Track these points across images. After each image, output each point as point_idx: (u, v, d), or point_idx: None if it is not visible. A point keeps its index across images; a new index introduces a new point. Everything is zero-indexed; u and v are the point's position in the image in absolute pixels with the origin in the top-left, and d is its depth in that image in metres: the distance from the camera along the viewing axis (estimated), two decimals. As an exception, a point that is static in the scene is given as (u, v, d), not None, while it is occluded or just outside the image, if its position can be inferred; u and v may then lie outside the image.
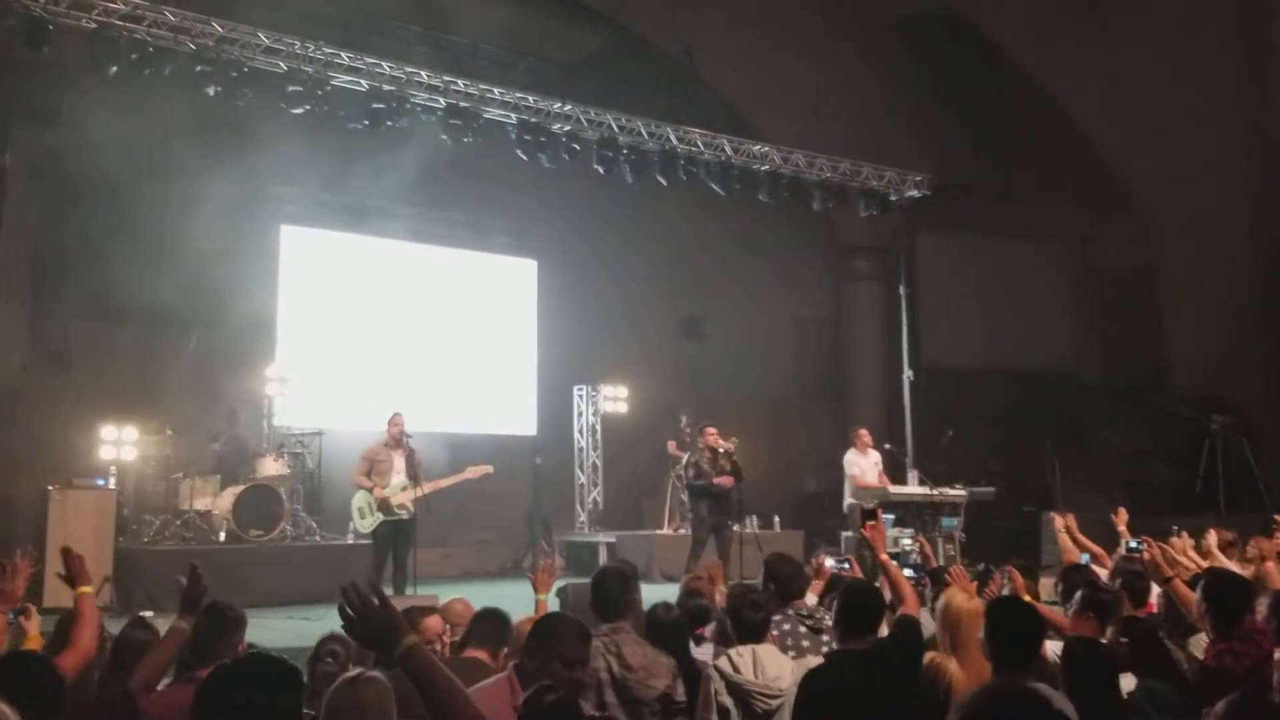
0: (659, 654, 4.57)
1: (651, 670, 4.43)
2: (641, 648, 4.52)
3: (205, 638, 4.06)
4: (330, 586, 10.56)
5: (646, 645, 4.58)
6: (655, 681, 4.42)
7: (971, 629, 4.29)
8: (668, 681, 4.44)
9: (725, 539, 11.43)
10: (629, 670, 4.39)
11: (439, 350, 15.58)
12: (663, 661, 4.51)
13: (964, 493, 12.26)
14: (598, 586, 4.76)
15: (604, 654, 4.40)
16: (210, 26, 10.44)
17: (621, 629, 4.55)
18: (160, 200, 12.90)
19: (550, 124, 12.44)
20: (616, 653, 4.43)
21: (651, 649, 4.58)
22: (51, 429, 12.10)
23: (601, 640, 4.44)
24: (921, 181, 14.83)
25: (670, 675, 4.47)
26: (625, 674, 4.38)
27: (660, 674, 4.45)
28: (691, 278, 18.05)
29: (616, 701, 4.35)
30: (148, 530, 11.40)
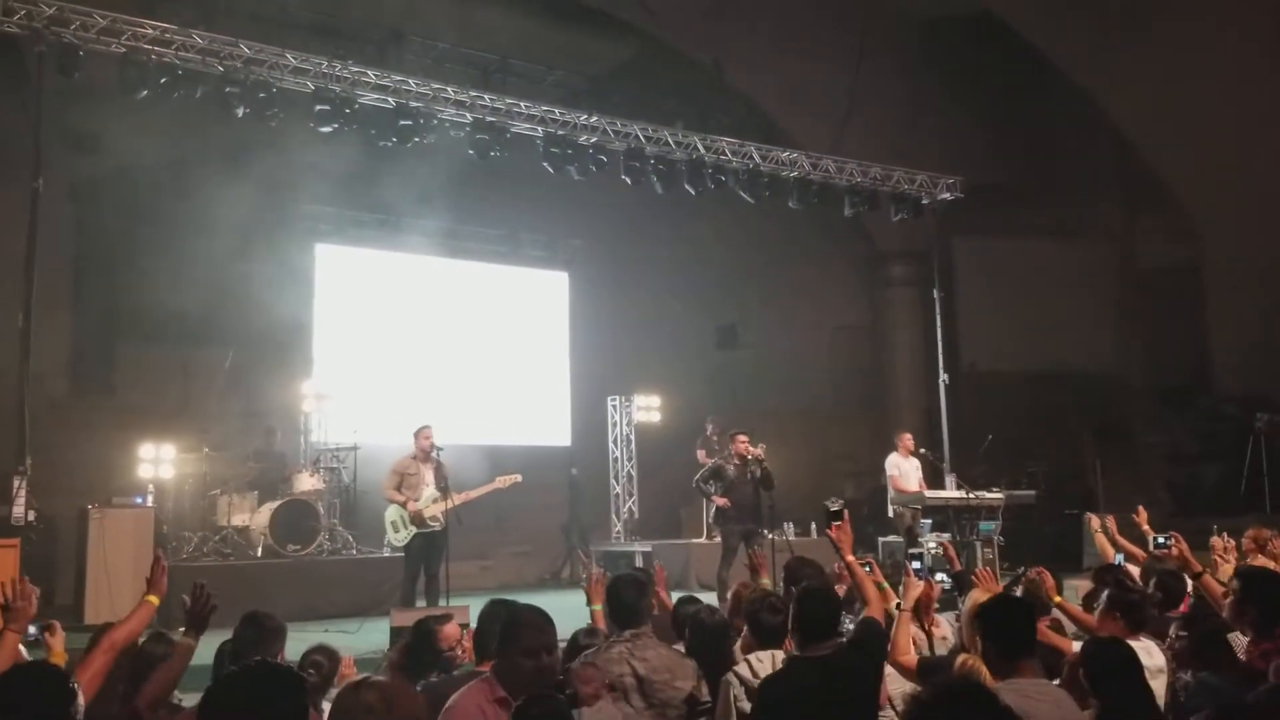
0: (683, 656, 4.62)
1: (676, 673, 4.48)
2: (666, 651, 4.57)
3: (245, 648, 4.07)
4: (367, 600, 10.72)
5: (670, 649, 4.62)
6: (680, 683, 4.46)
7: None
8: (693, 683, 4.49)
9: (755, 545, 11.36)
10: (654, 673, 4.44)
11: (473, 364, 15.67)
12: (687, 664, 4.56)
13: (1001, 496, 12.11)
14: (614, 596, 4.79)
15: (628, 659, 4.45)
16: (238, 48, 10.57)
17: (643, 634, 4.59)
18: (195, 221, 13.10)
19: (577, 136, 12.48)
20: (640, 657, 4.47)
21: (676, 652, 4.62)
22: (91, 448, 12.30)
23: (625, 646, 4.50)
24: (954, 184, 14.70)
25: (695, 677, 4.51)
26: (650, 677, 4.42)
27: (685, 676, 4.50)
28: (725, 287, 18.04)
29: (643, 705, 4.40)
30: (186, 547, 11.54)
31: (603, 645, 4.68)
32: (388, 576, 11.06)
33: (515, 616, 3.96)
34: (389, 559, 11.39)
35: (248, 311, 13.71)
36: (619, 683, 4.37)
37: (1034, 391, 17.42)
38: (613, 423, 15.97)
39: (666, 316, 17.15)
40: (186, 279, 13.18)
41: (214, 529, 11.65)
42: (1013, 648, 3.87)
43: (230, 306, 13.64)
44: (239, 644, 4.13)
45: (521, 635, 3.82)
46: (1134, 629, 4.87)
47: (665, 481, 15.87)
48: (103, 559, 10.08)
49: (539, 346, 16.71)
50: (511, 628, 3.88)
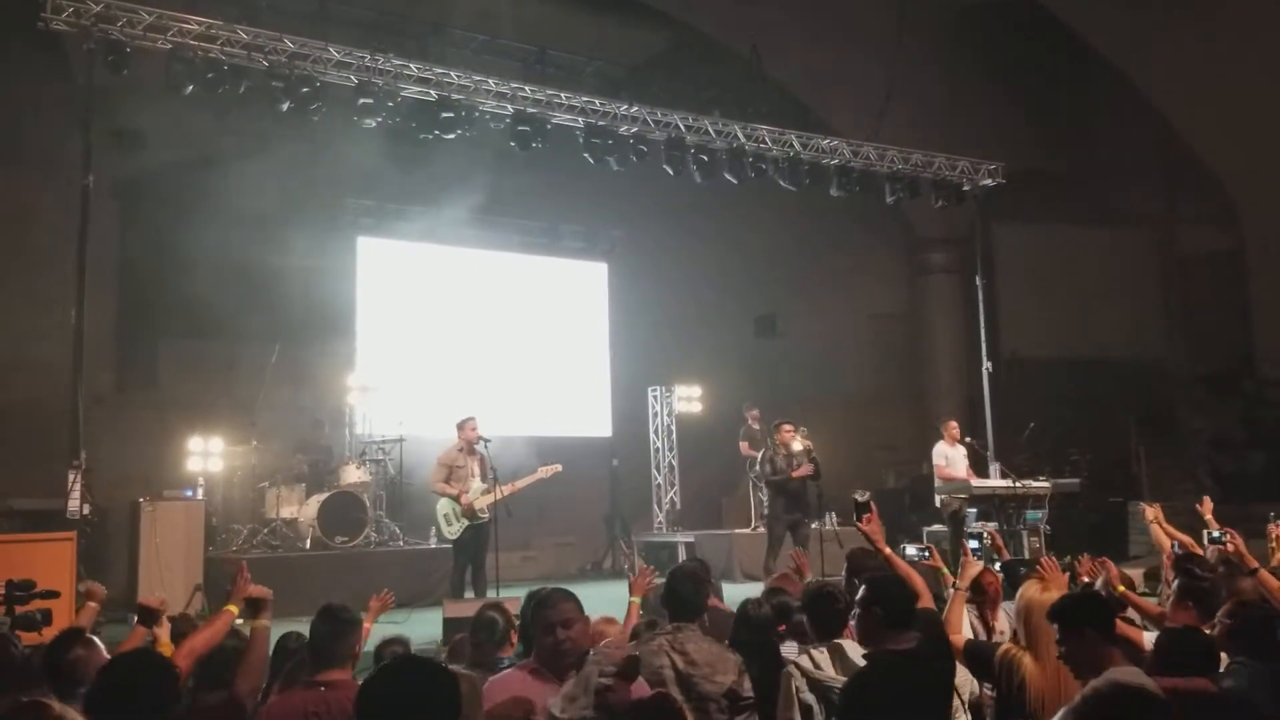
0: (725, 650, 4.57)
1: (717, 666, 4.43)
2: (707, 644, 4.51)
3: (322, 641, 4.07)
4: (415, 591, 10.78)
5: (712, 641, 4.58)
6: (721, 677, 4.40)
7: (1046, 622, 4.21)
8: (734, 677, 4.42)
9: (803, 535, 11.37)
10: (694, 666, 4.39)
11: (514, 355, 15.72)
12: (729, 657, 4.51)
13: (1048, 485, 11.98)
14: (671, 588, 4.77)
15: (668, 651, 4.43)
16: (282, 43, 10.63)
17: (686, 626, 4.56)
18: (238, 215, 13.19)
19: (617, 126, 12.46)
20: (680, 650, 4.44)
21: (717, 645, 4.57)
22: (141, 443, 12.44)
23: (666, 638, 4.49)
24: (996, 170, 14.58)
25: (736, 671, 4.45)
26: (690, 670, 4.38)
27: (726, 670, 4.44)
28: (764, 276, 18.00)
29: (682, 698, 4.31)
30: (236, 539, 11.66)
31: (645, 638, 4.68)
32: (435, 568, 11.14)
33: (533, 598, 4.23)
34: (435, 550, 11.47)
35: (291, 305, 13.84)
36: (658, 674, 4.33)
37: (1076, 379, 17.29)
38: (653, 413, 15.98)
39: (706, 306, 17.13)
40: (230, 273, 13.30)
41: (263, 521, 11.76)
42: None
43: (274, 300, 13.76)
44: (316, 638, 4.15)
45: (538, 614, 4.08)
46: (1206, 617, 4.83)
47: (707, 472, 15.89)
48: (155, 551, 10.22)
49: (579, 337, 16.73)
50: (533, 610, 4.16)
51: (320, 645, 4.00)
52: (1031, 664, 4.22)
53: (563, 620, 4.01)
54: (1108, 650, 3.83)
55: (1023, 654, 4.27)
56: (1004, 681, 4.25)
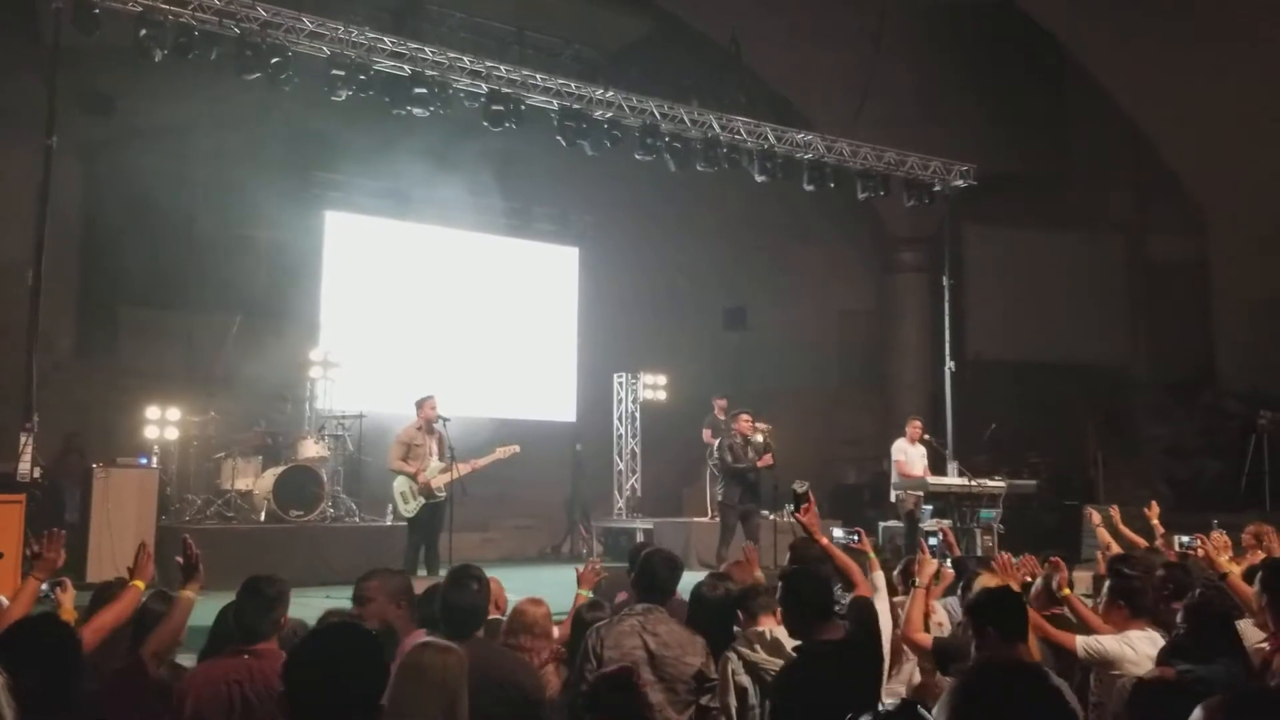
0: (693, 634, 4.68)
1: (686, 649, 4.58)
2: (676, 627, 4.64)
3: (247, 615, 4.08)
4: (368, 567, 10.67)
5: (680, 625, 4.67)
6: (690, 659, 4.56)
7: None
8: (701, 659, 4.58)
9: (754, 525, 11.44)
10: (665, 648, 4.54)
11: (480, 336, 15.65)
12: (697, 640, 4.65)
13: (1003, 485, 12.11)
14: (647, 568, 4.83)
15: (640, 633, 4.54)
16: (255, 10, 10.50)
17: (655, 609, 4.63)
18: (206, 185, 13.08)
19: (592, 111, 12.41)
20: (652, 631, 4.56)
21: (685, 629, 4.65)
22: (97, 409, 12.32)
23: (637, 619, 4.57)
24: (968, 172, 14.65)
25: (704, 654, 4.61)
26: (662, 652, 4.51)
27: (695, 652, 4.59)
28: (734, 268, 18.03)
29: (654, 679, 4.48)
30: (190, 509, 11.55)
31: (615, 618, 4.71)
32: (390, 544, 11.07)
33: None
34: (391, 527, 11.44)
35: (255, 276, 13.74)
36: (630, 655, 4.45)
37: (1038, 381, 17.42)
38: (618, 399, 15.98)
39: (676, 295, 17.15)
40: (194, 242, 13.20)
41: (217, 492, 11.65)
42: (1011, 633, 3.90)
43: (237, 271, 13.65)
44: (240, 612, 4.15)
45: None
46: (1136, 615, 4.89)
47: (668, 459, 15.91)
48: (106, 518, 10.10)
49: (547, 321, 16.69)
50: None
51: (245, 618, 4.00)
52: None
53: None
54: (1011, 650, 3.86)
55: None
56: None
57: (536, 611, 4.93)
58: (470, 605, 4.26)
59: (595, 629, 4.65)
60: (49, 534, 4.52)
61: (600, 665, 4.44)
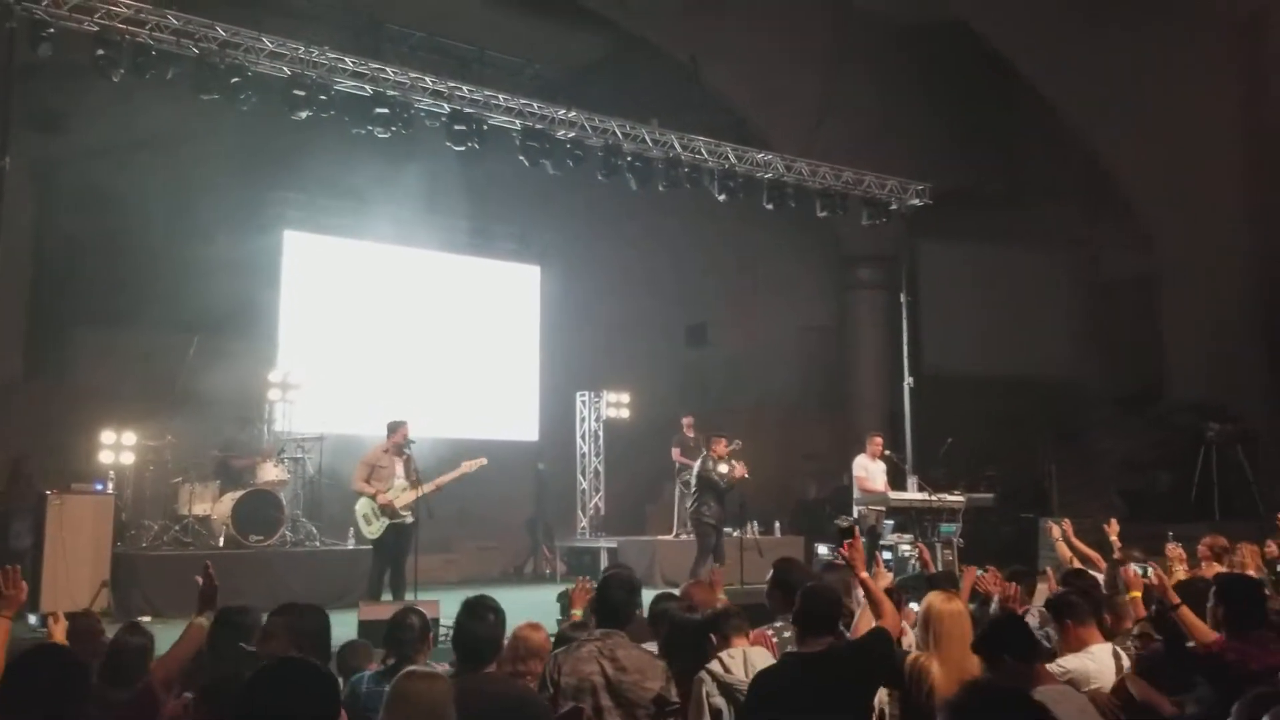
0: (654, 657, 4.67)
1: (646, 673, 4.53)
2: (636, 651, 4.60)
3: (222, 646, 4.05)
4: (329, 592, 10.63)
5: (640, 649, 4.64)
6: (650, 684, 4.51)
7: (952, 628, 4.32)
8: (661, 683, 4.53)
9: (720, 544, 11.49)
10: (624, 673, 4.48)
11: (442, 355, 15.59)
12: (657, 664, 4.62)
13: (962, 499, 12.25)
14: (603, 595, 4.79)
15: (598, 658, 4.49)
16: (214, 30, 10.38)
17: (614, 633, 4.61)
18: (163, 204, 12.91)
19: (554, 130, 12.41)
20: (610, 656, 4.51)
21: (646, 652, 4.64)
22: (50, 433, 12.10)
23: (595, 645, 4.53)
24: (924, 191, 14.81)
25: (664, 677, 4.56)
26: (620, 676, 4.45)
27: (655, 676, 4.54)
28: (695, 286, 18.10)
29: (612, 704, 4.44)
30: (146, 535, 11.36)
31: (574, 644, 4.70)
32: (351, 568, 11.00)
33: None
34: (352, 551, 11.33)
35: (213, 297, 13.53)
36: (588, 681, 4.42)
37: (994, 396, 17.59)
38: (581, 418, 15.96)
39: (637, 313, 17.18)
40: (150, 262, 13.02)
41: (175, 518, 11.47)
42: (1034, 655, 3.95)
43: (195, 291, 13.43)
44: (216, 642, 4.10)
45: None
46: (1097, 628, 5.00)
47: (632, 478, 15.91)
48: (61, 546, 9.89)
49: (509, 340, 16.65)
50: None
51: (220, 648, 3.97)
52: (939, 670, 4.31)
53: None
54: (1030, 671, 3.92)
55: (930, 661, 4.36)
56: (914, 689, 4.34)
57: (537, 637, 4.91)
58: (487, 636, 4.23)
59: (554, 655, 4.64)
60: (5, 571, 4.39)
61: (557, 692, 4.43)
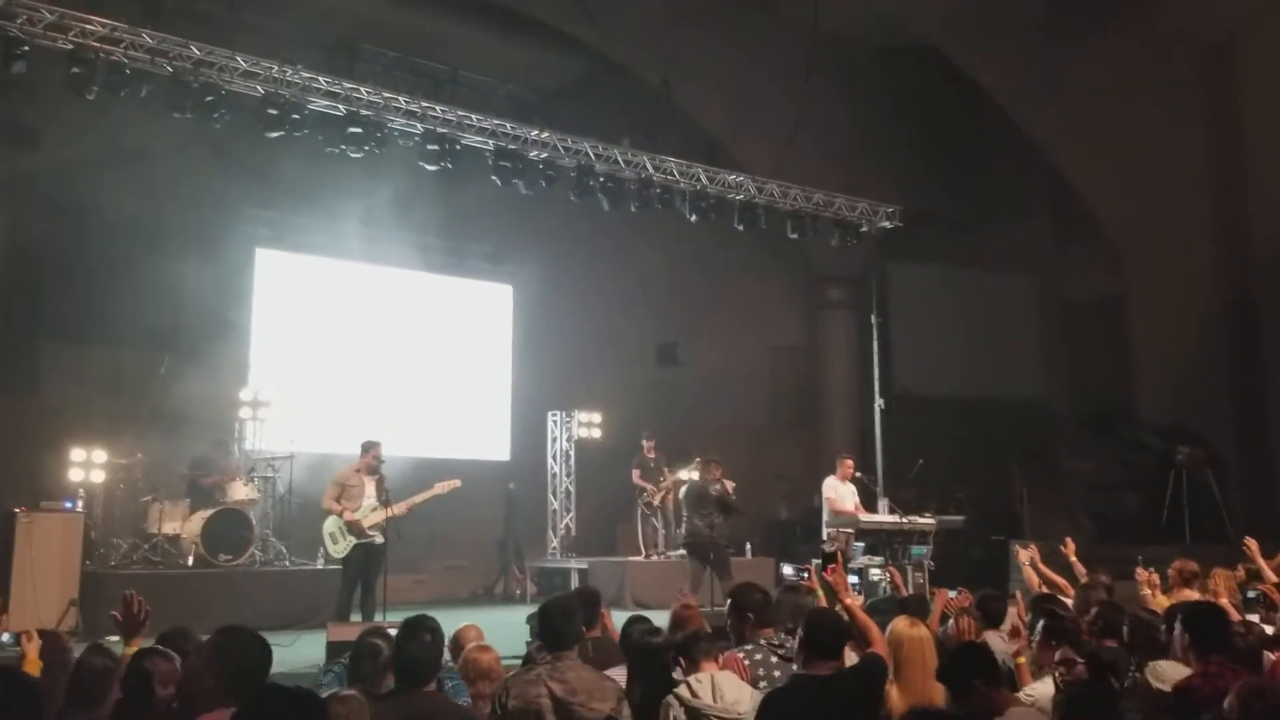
0: (604, 678, 4.66)
1: (594, 694, 4.50)
2: (586, 672, 4.59)
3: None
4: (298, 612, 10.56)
5: (592, 670, 4.65)
6: (598, 704, 4.48)
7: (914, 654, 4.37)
8: (612, 705, 4.51)
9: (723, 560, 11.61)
10: (572, 694, 4.45)
11: (413, 374, 15.57)
12: (607, 685, 4.60)
13: (933, 521, 12.27)
14: (542, 620, 4.82)
15: (545, 681, 4.48)
16: (188, 49, 10.40)
17: (565, 656, 4.62)
18: (134, 221, 12.86)
19: (527, 151, 12.48)
20: (560, 679, 4.49)
21: (597, 674, 4.64)
22: (18, 450, 12.00)
23: (544, 668, 4.54)
24: (894, 213, 14.95)
25: (615, 699, 4.55)
26: (568, 698, 4.44)
27: (604, 697, 4.51)
28: (666, 305, 18.16)
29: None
30: (116, 554, 11.30)
31: (523, 668, 4.72)
32: (321, 589, 10.94)
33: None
34: (322, 571, 11.28)
35: (184, 315, 13.51)
36: (535, 704, 4.41)
37: (964, 417, 17.72)
38: (552, 438, 15.96)
39: (609, 332, 17.21)
40: (120, 279, 12.95)
41: (144, 536, 11.41)
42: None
43: (165, 309, 13.40)
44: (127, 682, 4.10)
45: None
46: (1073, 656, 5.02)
47: (603, 498, 15.91)
48: (29, 564, 9.84)
49: (480, 359, 16.66)
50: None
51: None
52: (898, 696, 4.36)
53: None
54: (999, 696, 3.97)
55: (890, 686, 4.41)
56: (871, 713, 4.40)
57: (486, 658, 4.92)
58: (423, 656, 4.22)
59: (504, 680, 4.65)
60: None
61: (505, 715, 4.44)
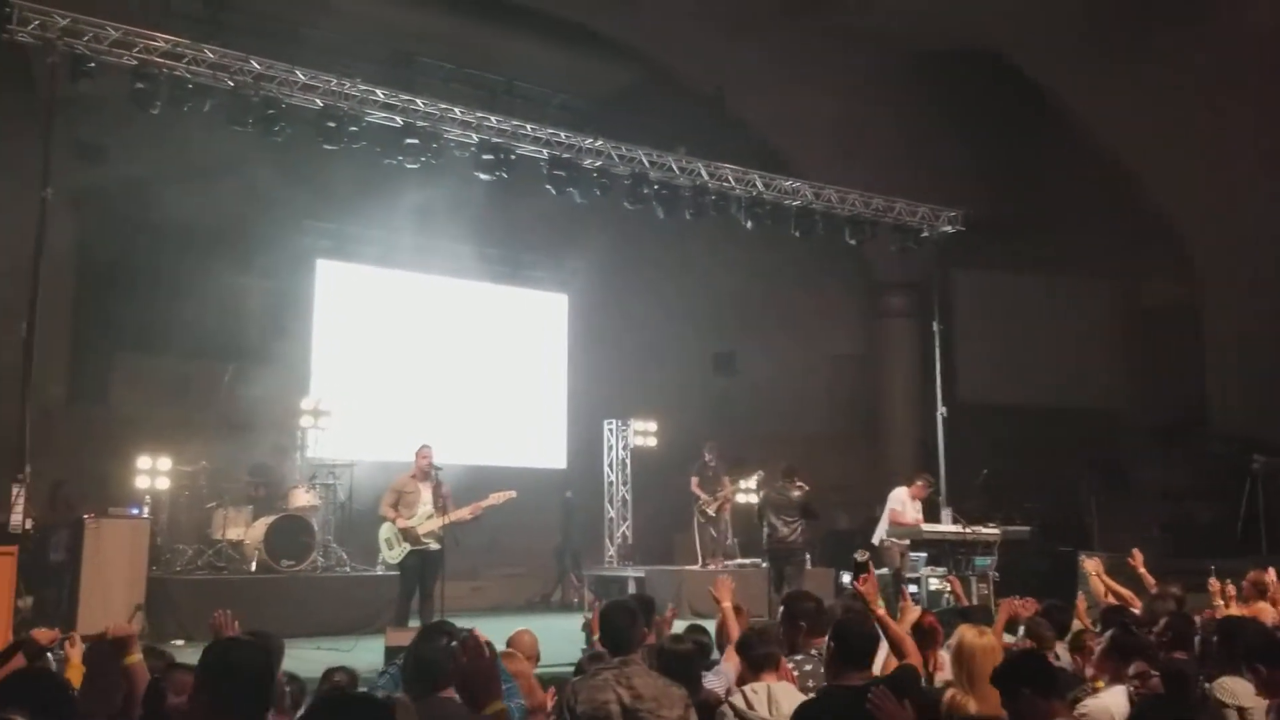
0: (671, 684, 4.58)
1: (663, 700, 4.41)
2: (652, 678, 4.53)
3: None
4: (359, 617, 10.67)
5: (658, 676, 4.59)
6: (667, 712, 4.39)
7: (987, 663, 4.25)
8: (680, 712, 4.42)
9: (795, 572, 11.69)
10: (640, 701, 4.39)
11: (471, 383, 15.69)
12: (674, 692, 4.51)
13: (997, 532, 12.03)
14: (606, 622, 4.79)
15: (614, 686, 4.41)
16: (249, 64, 10.60)
17: (632, 660, 4.57)
18: (198, 234, 13.11)
19: (582, 160, 12.52)
20: (628, 684, 4.42)
21: (663, 680, 4.59)
22: (87, 458, 12.27)
23: (611, 673, 4.48)
24: (955, 217, 14.75)
25: (683, 705, 4.46)
26: (636, 705, 4.38)
27: (673, 704, 4.44)
28: (723, 314, 18.10)
29: None
30: (180, 559, 11.51)
31: (590, 672, 4.69)
32: (381, 594, 11.04)
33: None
34: (382, 577, 11.37)
35: (247, 325, 13.76)
36: (604, 710, 4.35)
37: (1029, 426, 17.41)
38: (609, 446, 15.95)
39: (665, 341, 17.20)
40: (186, 291, 13.21)
41: (208, 542, 11.62)
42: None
43: (230, 319, 13.67)
44: None
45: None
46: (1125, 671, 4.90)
47: (659, 507, 15.86)
48: (97, 569, 10.04)
49: (537, 368, 16.74)
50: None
51: None
52: (975, 707, 4.26)
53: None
54: (1047, 706, 3.87)
55: (967, 698, 4.30)
56: None
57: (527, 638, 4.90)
58: (433, 659, 4.19)
59: (571, 684, 4.61)
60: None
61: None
